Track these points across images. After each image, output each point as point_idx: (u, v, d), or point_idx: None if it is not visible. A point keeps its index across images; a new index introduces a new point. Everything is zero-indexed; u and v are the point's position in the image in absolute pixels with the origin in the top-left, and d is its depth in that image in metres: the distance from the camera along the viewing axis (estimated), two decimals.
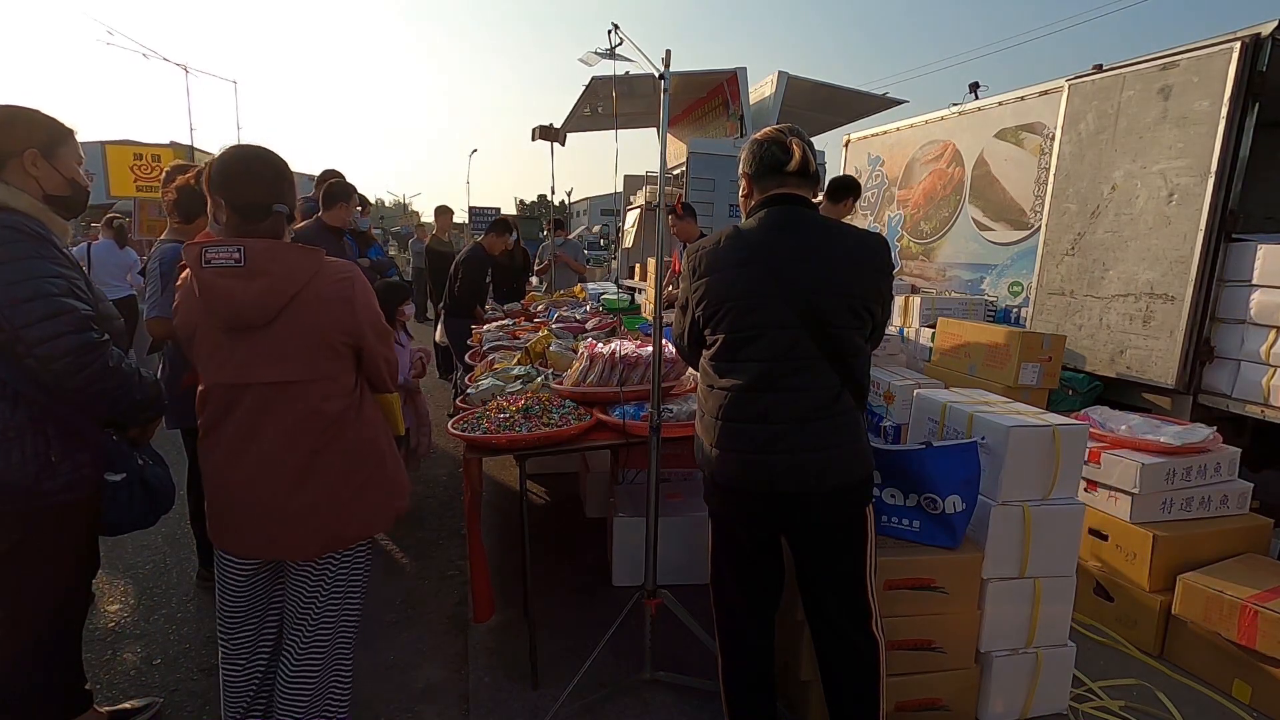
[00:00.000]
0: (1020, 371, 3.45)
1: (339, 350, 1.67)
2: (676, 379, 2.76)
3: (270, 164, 1.67)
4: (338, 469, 1.70)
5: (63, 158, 1.74)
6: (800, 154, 1.79)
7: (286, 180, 1.70)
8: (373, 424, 1.79)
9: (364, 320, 1.68)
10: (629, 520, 3.05)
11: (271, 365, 1.61)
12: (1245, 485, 2.93)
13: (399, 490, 1.87)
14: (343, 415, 1.70)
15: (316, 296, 1.61)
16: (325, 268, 1.65)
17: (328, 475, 1.69)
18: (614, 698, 2.35)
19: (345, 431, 1.70)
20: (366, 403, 1.78)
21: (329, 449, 1.68)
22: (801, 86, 9.10)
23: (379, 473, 1.79)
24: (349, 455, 1.72)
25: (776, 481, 1.75)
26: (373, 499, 1.78)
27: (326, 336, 1.63)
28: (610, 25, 2.47)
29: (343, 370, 1.70)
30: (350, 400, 1.72)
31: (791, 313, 1.72)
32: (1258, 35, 3.10)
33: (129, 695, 2.37)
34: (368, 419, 1.77)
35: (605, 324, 4.26)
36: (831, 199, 4.19)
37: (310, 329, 1.61)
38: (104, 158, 12.39)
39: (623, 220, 11.44)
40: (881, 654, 1.87)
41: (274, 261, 1.58)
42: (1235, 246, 3.24)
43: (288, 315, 1.59)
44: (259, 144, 1.72)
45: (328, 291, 1.62)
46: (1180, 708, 2.38)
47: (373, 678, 2.51)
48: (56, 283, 1.62)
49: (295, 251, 1.62)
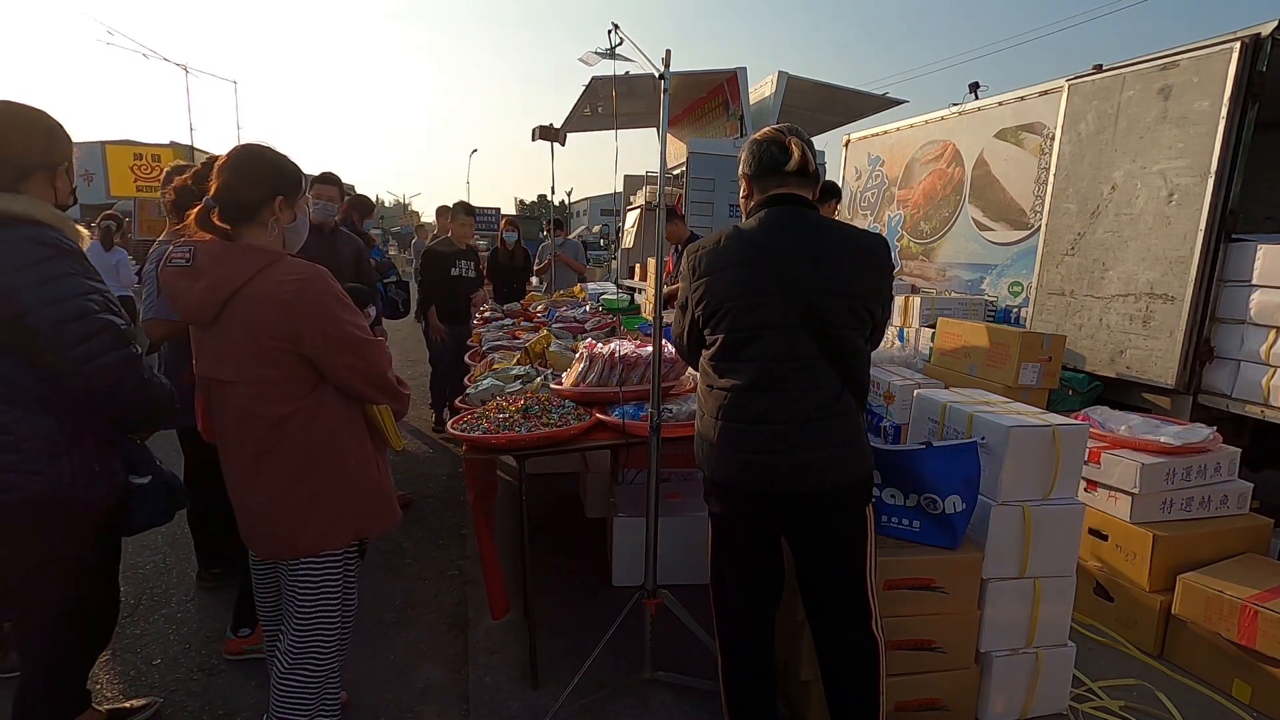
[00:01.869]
0: (1020, 371, 3.45)
1: (274, 354, 1.58)
2: (676, 379, 2.76)
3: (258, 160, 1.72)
4: (282, 475, 1.66)
5: (71, 169, 1.78)
6: (799, 154, 1.79)
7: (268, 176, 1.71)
8: (331, 434, 1.68)
9: (304, 326, 1.57)
10: (629, 520, 3.05)
11: (218, 362, 1.64)
12: (1245, 485, 2.93)
13: (362, 510, 1.76)
14: (286, 421, 1.62)
15: (251, 298, 1.56)
16: (272, 270, 1.58)
17: (274, 479, 1.67)
18: (614, 698, 2.34)
19: (290, 438, 1.63)
20: (325, 411, 1.67)
21: (274, 453, 1.64)
22: (801, 86, 9.10)
23: (334, 486, 1.70)
24: (295, 463, 1.65)
25: (777, 481, 1.75)
26: (326, 512, 1.70)
27: (260, 339, 1.56)
28: (610, 25, 2.47)
29: (284, 376, 1.60)
30: (297, 407, 1.62)
31: (791, 313, 1.72)
32: (1258, 35, 3.10)
33: (129, 695, 2.37)
34: (324, 428, 1.67)
35: (605, 324, 4.26)
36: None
37: (244, 330, 1.57)
38: (104, 158, 12.40)
39: (623, 220, 11.44)
40: (881, 654, 1.87)
41: (216, 262, 1.59)
42: (1235, 246, 3.24)
43: (226, 315, 1.58)
44: (258, 143, 1.74)
45: (263, 293, 1.56)
46: (1180, 708, 2.37)
47: (373, 678, 2.51)
48: (95, 299, 1.63)
49: (240, 252, 1.61)
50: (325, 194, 3.67)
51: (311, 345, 1.59)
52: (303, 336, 1.58)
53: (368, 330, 1.71)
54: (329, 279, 1.66)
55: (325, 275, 1.65)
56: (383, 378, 1.73)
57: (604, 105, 9.03)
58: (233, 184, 1.64)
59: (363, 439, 1.77)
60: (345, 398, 1.71)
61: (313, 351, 1.60)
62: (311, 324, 1.58)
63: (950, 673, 2.21)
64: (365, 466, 1.75)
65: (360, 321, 1.69)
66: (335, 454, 1.69)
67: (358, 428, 1.75)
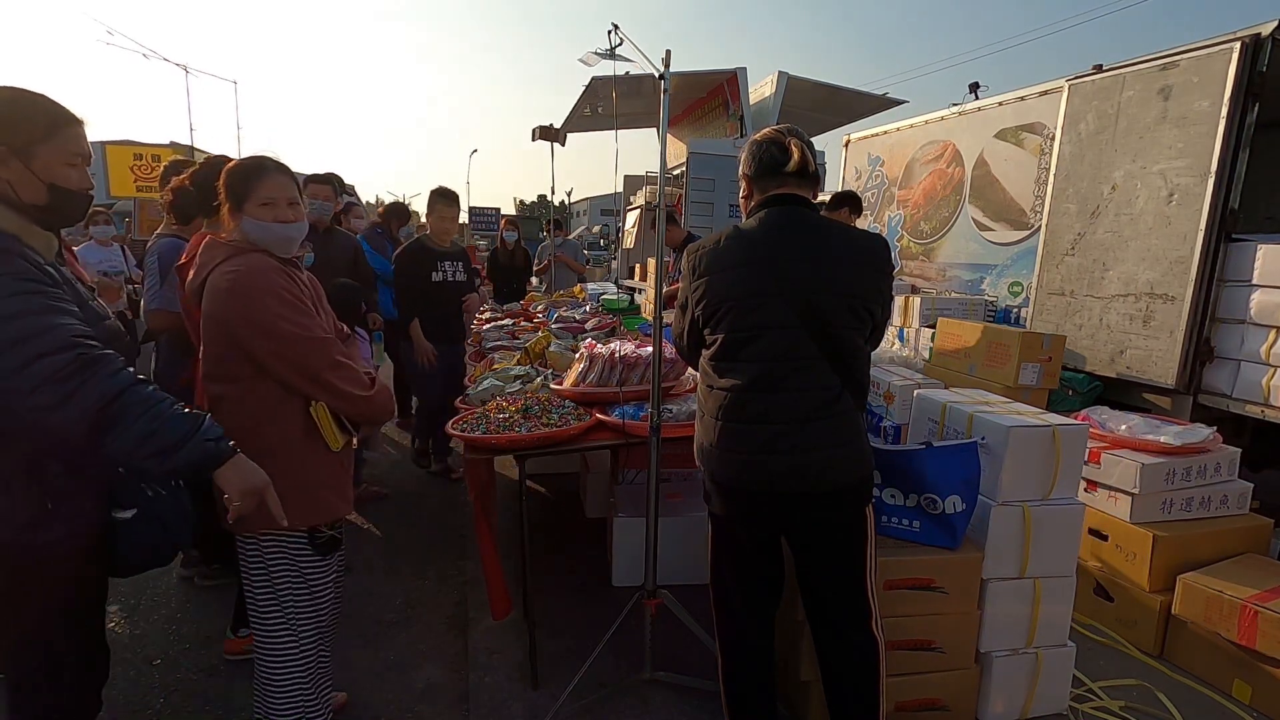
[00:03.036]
0: (1020, 371, 3.45)
1: (216, 336, 1.73)
2: (676, 379, 2.76)
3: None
4: None
5: (43, 156, 1.42)
6: (799, 154, 1.79)
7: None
8: (255, 421, 1.72)
9: (236, 319, 1.68)
10: (629, 520, 3.05)
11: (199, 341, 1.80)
12: (1245, 485, 2.93)
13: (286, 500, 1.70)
14: (219, 400, 1.75)
15: (211, 282, 1.73)
16: (229, 259, 1.73)
17: None
18: (614, 698, 2.34)
19: (220, 417, 1.64)
20: (254, 398, 1.74)
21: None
22: (801, 87, 9.10)
23: None
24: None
25: (776, 482, 1.75)
26: None
27: (209, 320, 1.73)
28: (610, 25, 2.47)
29: (224, 355, 1.74)
30: (229, 388, 1.75)
31: (791, 313, 1.72)
32: (1258, 35, 3.10)
33: (128, 695, 2.37)
34: (250, 415, 1.72)
35: (605, 324, 4.25)
36: (830, 206, 4.21)
37: (205, 311, 1.75)
38: (104, 158, 12.41)
39: (623, 220, 11.44)
40: (881, 654, 1.87)
41: (201, 252, 1.80)
42: (1235, 246, 3.24)
43: (203, 299, 1.76)
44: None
45: (215, 280, 1.72)
46: (1180, 708, 2.37)
47: (373, 678, 2.51)
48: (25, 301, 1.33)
49: (215, 244, 1.79)
50: (320, 193, 3.73)
51: (240, 334, 1.71)
52: (233, 324, 1.70)
53: (308, 327, 1.74)
54: (268, 273, 1.74)
55: (263, 269, 1.74)
56: (316, 373, 1.75)
57: (604, 105, 9.03)
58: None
59: (290, 432, 1.77)
60: (283, 390, 1.75)
61: (242, 340, 1.71)
62: (240, 313, 1.70)
63: (950, 673, 2.21)
64: (287, 458, 1.74)
65: (298, 318, 1.73)
66: (257, 440, 1.69)
67: (288, 421, 1.77)
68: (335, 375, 1.78)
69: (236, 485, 1.48)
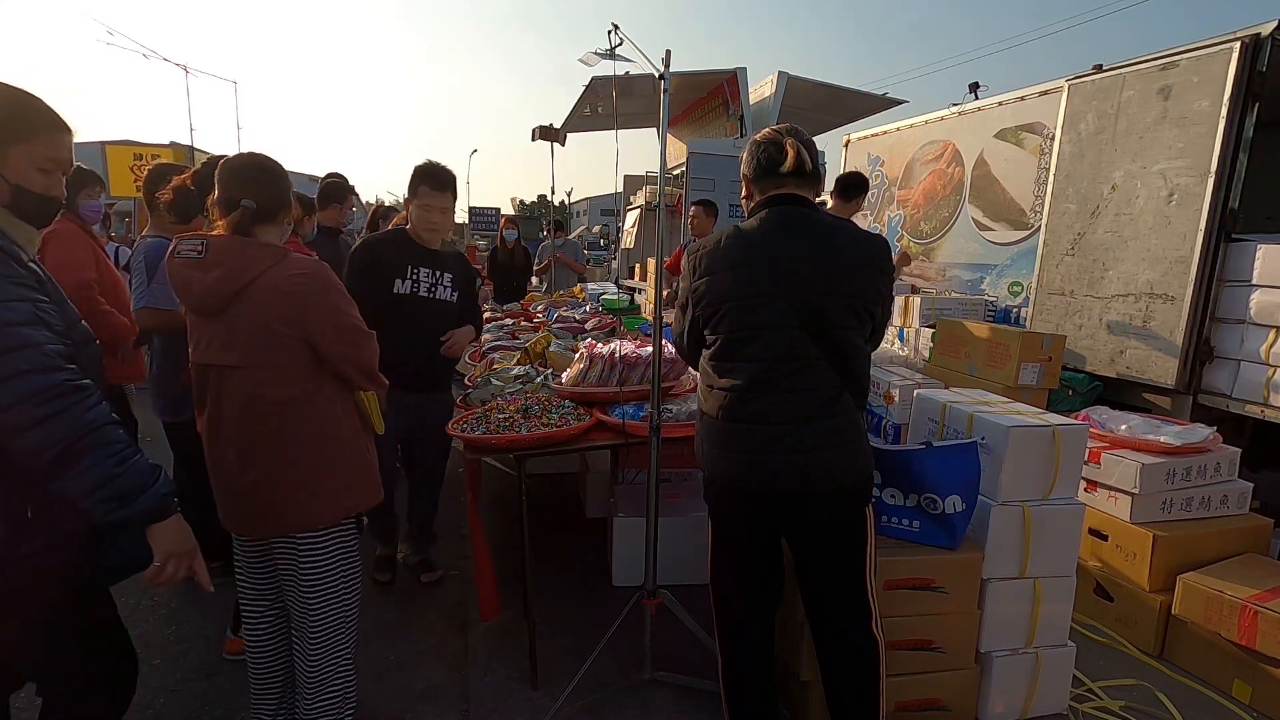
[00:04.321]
0: (1020, 371, 3.45)
1: (284, 340, 1.71)
2: (676, 379, 2.76)
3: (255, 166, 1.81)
4: (280, 453, 1.75)
5: (14, 159, 1.37)
6: (795, 155, 1.80)
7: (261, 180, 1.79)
8: (328, 416, 1.80)
9: (312, 316, 1.72)
10: (629, 520, 3.05)
11: (226, 349, 1.72)
12: (1245, 485, 2.93)
13: (356, 486, 1.86)
14: (290, 402, 1.74)
15: (266, 287, 1.69)
16: (284, 263, 1.72)
17: (271, 457, 1.76)
18: (614, 698, 2.34)
19: (292, 418, 1.74)
20: (324, 394, 1.79)
21: (274, 433, 1.74)
22: (801, 87, 9.10)
23: (329, 463, 1.80)
24: (293, 441, 1.75)
25: (776, 482, 1.75)
26: (325, 487, 1.80)
27: (271, 326, 1.69)
28: (610, 25, 2.47)
29: (291, 360, 1.73)
30: (300, 390, 1.75)
31: (791, 313, 1.72)
32: (1258, 35, 3.10)
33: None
34: (322, 410, 1.79)
35: (605, 324, 4.25)
36: (843, 197, 4.19)
37: (256, 318, 1.69)
38: (104, 158, 12.40)
39: (623, 220, 11.44)
40: (881, 654, 1.87)
41: (228, 254, 1.70)
42: (1235, 246, 3.24)
43: (239, 304, 1.70)
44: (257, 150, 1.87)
45: (278, 285, 1.69)
46: (1180, 708, 2.37)
47: (373, 678, 2.51)
48: (16, 309, 1.29)
49: (254, 247, 1.73)
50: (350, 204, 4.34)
51: (315, 331, 1.73)
52: (309, 323, 1.71)
53: (363, 321, 1.84)
54: (330, 273, 1.80)
55: (327, 269, 1.80)
56: (370, 366, 1.86)
57: (604, 105, 9.04)
58: (261, 191, 1.78)
59: (354, 420, 1.88)
60: (339, 382, 1.83)
61: (316, 337, 1.73)
62: (317, 312, 1.73)
63: (950, 673, 2.21)
64: (356, 445, 1.88)
65: (357, 313, 1.84)
66: (331, 433, 1.81)
67: (350, 410, 1.88)
68: (377, 365, 1.89)
69: (169, 545, 1.42)
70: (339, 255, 3.88)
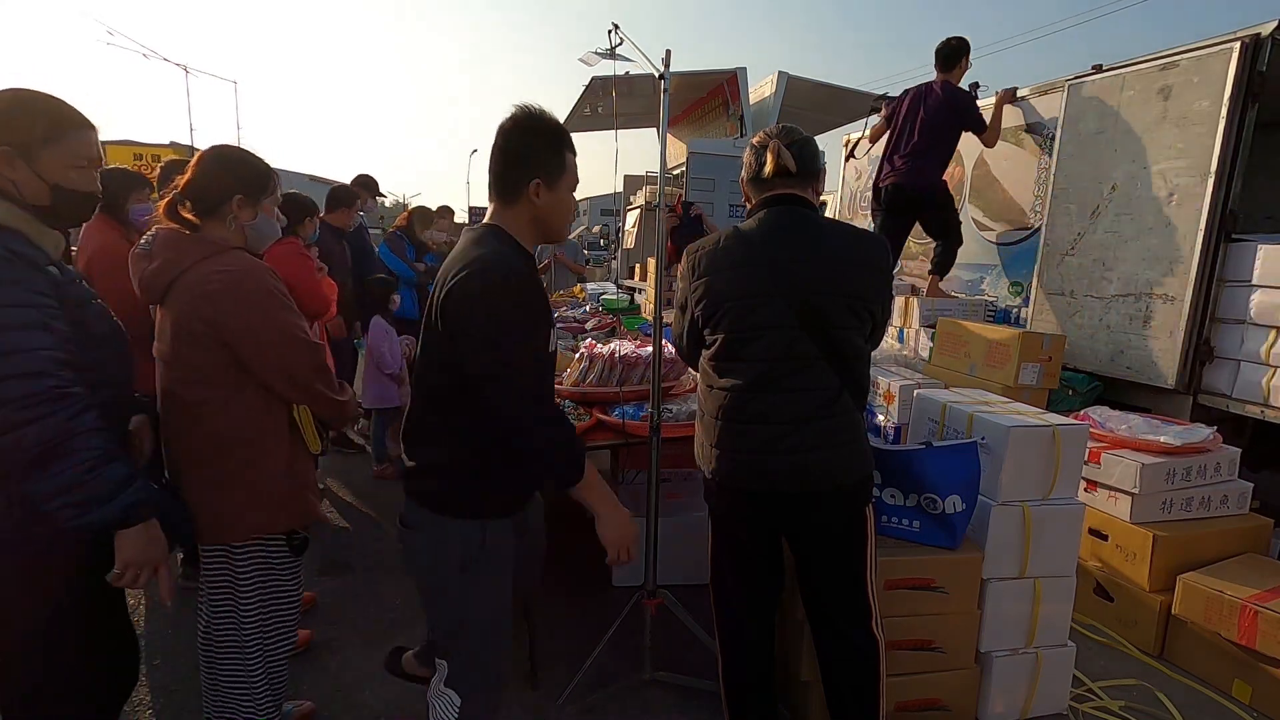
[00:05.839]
0: (1020, 371, 3.45)
1: (200, 340, 1.64)
2: (676, 379, 2.76)
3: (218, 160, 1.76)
4: (190, 458, 1.71)
5: (47, 159, 1.42)
6: (774, 159, 1.80)
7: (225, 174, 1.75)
8: (243, 425, 1.70)
9: (229, 319, 1.63)
10: None
11: (160, 340, 1.72)
12: (1245, 485, 2.93)
13: (273, 504, 1.76)
14: (201, 405, 1.67)
15: (189, 282, 1.64)
16: (211, 260, 1.66)
17: (184, 459, 1.72)
18: (614, 698, 2.34)
19: (203, 423, 1.68)
20: (241, 402, 1.70)
21: (186, 435, 1.70)
22: (801, 87, 9.09)
23: (241, 477, 1.71)
24: (205, 445, 1.69)
25: (776, 482, 1.75)
26: (230, 502, 1.71)
27: (189, 324, 1.65)
28: (610, 25, 2.47)
29: (207, 362, 1.66)
30: (214, 394, 1.67)
31: (791, 313, 1.73)
32: (1258, 35, 3.10)
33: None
34: (237, 419, 1.70)
35: (605, 324, 4.26)
36: (945, 67, 4.21)
37: (180, 312, 1.66)
38: (104, 158, 12.45)
39: (623, 220, 11.43)
40: (881, 654, 1.87)
41: (167, 247, 1.68)
42: (1235, 246, 3.24)
43: (170, 297, 1.67)
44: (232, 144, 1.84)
45: (197, 281, 1.64)
46: (1180, 708, 2.37)
47: (372, 678, 2.51)
48: (12, 314, 1.31)
49: (190, 241, 1.70)
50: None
51: (232, 336, 1.65)
52: (225, 326, 1.64)
53: (301, 330, 1.75)
54: (264, 275, 1.71)
55: (258, 271, 1.71)
56: (304, 378, 1.75)
57: (604, 105, 9.03)
58: (198, 180, 1.72)
59: (279, 435, 1.78)
60: (267, 393, 1.74)
61: (233, 342, 1.66)
62: (235, 316, 1.64)
63: (950, 673, 2.21)
64: (277, 461, 1.76)
65: (296, 321, 1.74)
66: (245, 446, 1.71)
67: (276, 424, 1.77)
68: (319, 380, 1.79)
69: (128, 554, 1.41)
70: (337, 256, 3.89)
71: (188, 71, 17.53)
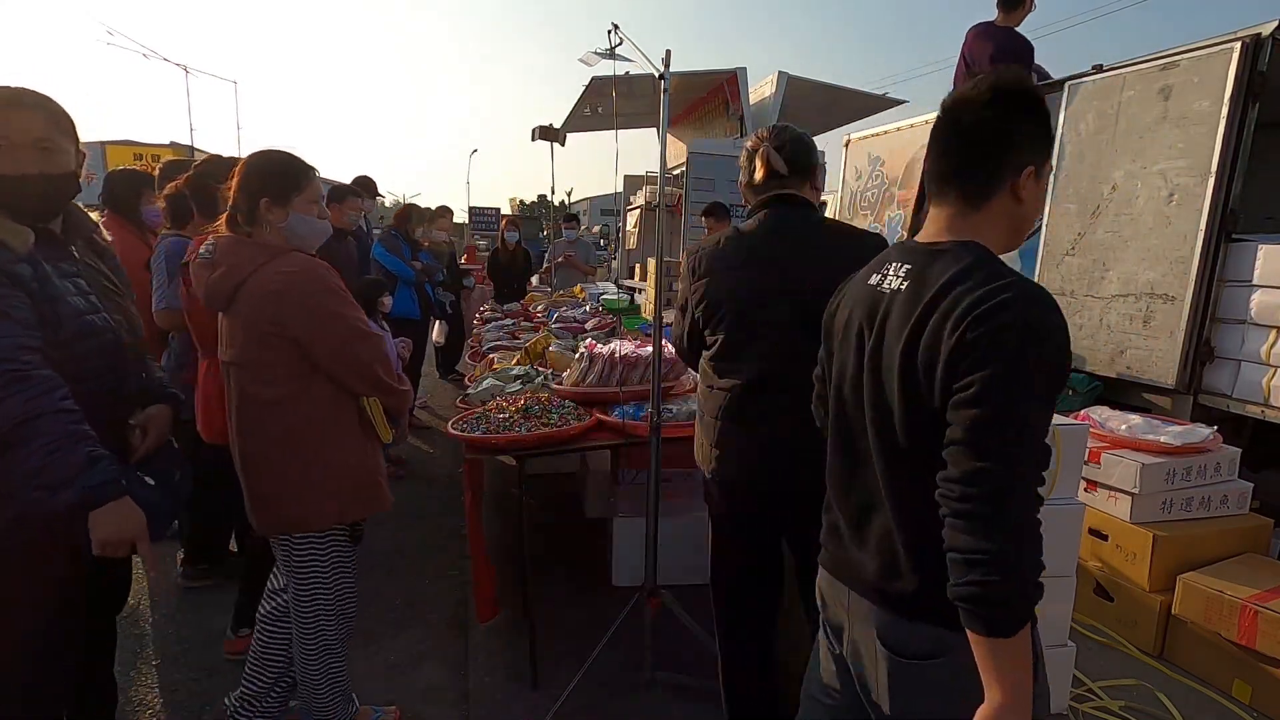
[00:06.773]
0: None
1: (270, 340, 1.71)
2: (676, 379, 2.76)
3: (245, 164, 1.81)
4: (266, 453, 1.77)
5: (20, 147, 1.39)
6: (764, 166, 1.80)
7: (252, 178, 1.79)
8: (317, 419, 1.78)
9: (295, 316, 1.70)
10: (629, 520, 3.05)
11: (229, 345, 1.77)
12: (1245, 485, 2.93)
13: (348, 494, 1.83)
14: (277, 403, 1.74)
15: (254, 286, 1.71)
16: (274, 261, 1.72)
17: (261, 457, 1.78)
18: (614, 698, 2.34)
19: (278, 419, 1.74)
20: (313, 397, 1.77)
21: (260, 432, 1.77)
22: (801, 87, 9.09)
23: (318, 469, 1.78)
24: (282, 442, 1.76)
25: (776, 482, 1.75)
26: (309, 493, 1.78)
27: (258, 324, 1.71)
28: (610, 25, 2.47)
29: (278, 359, 1.73)
30: (288, 390, 1.74)
31: (790, 313, 1.72)
32: (1258, 35, 3.10)
33: (128, 695, 2.37)
34: (311, 413, 1.77)
35: (605, 324, 4.26)
36: (1006, 7, 4.19)
37: (246, 316, 1.73)
38: (104, 158, 12.45)
39: (623, 221, 11.44)
40: None
41: (228, 254, 1.75)
42: (1235, 246, 3.24)
43: (237, 302, 1.73)
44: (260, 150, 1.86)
45: (263, 282, 1.70)
46: (1180, 708, 2.37)
47: (372, 678, 2.51)
48: None
49: (250, 246, 1.75)
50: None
51: (299, 331, 1.72)
52: (291, 323, 1.71)
53: (361, 323, 1.81)
54: (321, 272, 1.77)
55: (316, 269, 1.77)
56: (368, 369, 1.82)
57: (604, 105, 9.03)
58: (236, 190, 1.80)
59: (350, 426, 1.85)
60: (335, 387, 1.80)
61: (300, 337, 1.72)
62: (300, 312, 1.72)
63: None
64: (349, 452, 1.84)
65: (356, 315, 1.81)
66: (320, 438, 1.79)
67: (346, 416, 1.84)
68: (383, 370, 1.85)
69: (102, 533, 1.38)
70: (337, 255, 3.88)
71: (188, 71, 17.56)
